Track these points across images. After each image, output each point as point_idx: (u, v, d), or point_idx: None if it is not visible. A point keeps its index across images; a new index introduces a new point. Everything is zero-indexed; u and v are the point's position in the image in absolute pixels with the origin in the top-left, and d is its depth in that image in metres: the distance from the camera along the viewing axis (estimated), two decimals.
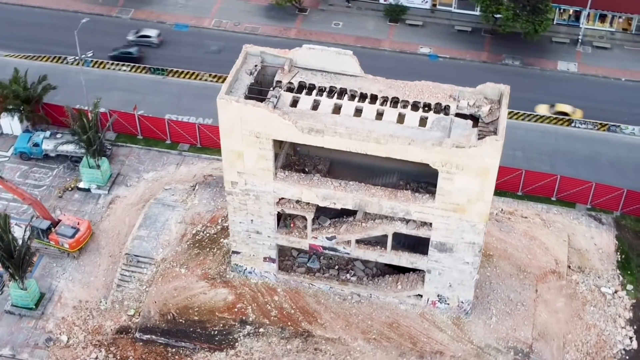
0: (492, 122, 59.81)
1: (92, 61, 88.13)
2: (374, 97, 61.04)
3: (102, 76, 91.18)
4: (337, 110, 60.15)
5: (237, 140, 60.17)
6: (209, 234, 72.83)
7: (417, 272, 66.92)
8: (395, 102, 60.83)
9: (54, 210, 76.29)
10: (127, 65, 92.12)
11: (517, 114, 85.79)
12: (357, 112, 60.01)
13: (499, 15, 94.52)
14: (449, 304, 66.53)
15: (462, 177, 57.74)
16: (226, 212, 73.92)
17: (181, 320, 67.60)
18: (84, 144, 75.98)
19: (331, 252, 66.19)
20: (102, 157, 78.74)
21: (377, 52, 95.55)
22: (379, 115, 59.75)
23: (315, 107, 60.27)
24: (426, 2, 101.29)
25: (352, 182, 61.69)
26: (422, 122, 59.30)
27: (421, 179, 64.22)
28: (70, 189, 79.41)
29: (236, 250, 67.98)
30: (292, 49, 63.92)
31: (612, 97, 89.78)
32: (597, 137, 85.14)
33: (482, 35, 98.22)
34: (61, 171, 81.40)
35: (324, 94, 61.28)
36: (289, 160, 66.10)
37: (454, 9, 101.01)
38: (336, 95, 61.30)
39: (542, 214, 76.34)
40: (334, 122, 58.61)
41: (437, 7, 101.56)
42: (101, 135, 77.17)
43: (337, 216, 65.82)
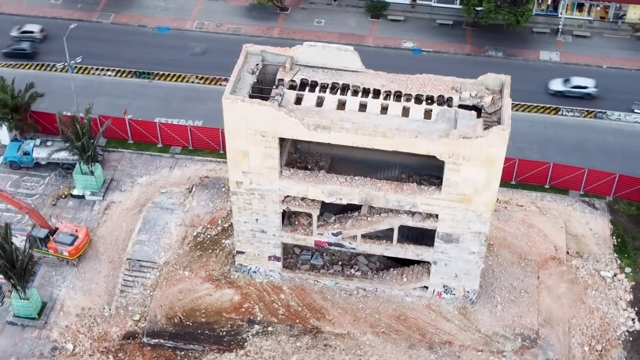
0: (495, 112, 60.49)
1: (75, 67, 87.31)
2: (377, 92, 61.40)
3: (87, 82, 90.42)
4: (341, 106, 60.40)
5: (242, 139, 60.11)
6: (210, 236, 72.67)
7: (422, 264, 67.43)
8: (398, 96, 61.24)
9: (50, 218, 75.54)
10: (112, 70, 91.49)
11: None
12: (362, 107, 60.32)
13: (480, 8, 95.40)
14: (454, 294, 67.14)
15: (469, 167, 58.32)
16: (226, 213, 74.24)
17: (188, 322, 67.41)
18: (77, 150, 75.36)
19: (337, 248, 66.44)
20: (95, 163, 78.13)
21: (361, 49, 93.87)
22: (384, 109, 60.12)
23: (319, 104, 60.47)
24: None
25: (357, 177, 61.99)
26: (427, 114, 59.78)
27: (423, 172, 64.77)
28: (63, 197, 78.75)
29: (241, 250, 67.92)
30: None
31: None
32: (585, 124, 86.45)
33: (464, 28, 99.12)
34: (53, 179, 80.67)
35: (327, 90, 61.51)
36: (290, 158, 66.24)
37: (434, 2, 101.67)
38: (339, 91, 61.54)
39: (537, 201, 77.37)
40: (340, 118, 58.86)
41: (417, 1, 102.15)
42: (95, 141, 76.55)
43: (340, 212, 66.14)
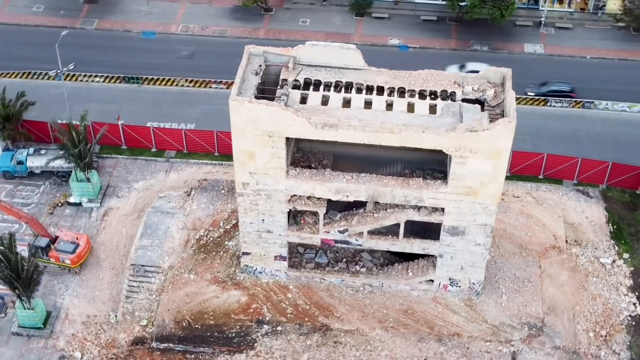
0: (497, 105, 61.31)
1: (63, 74, 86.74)
2: (381, 89, 61.95)
3: (75, 89, 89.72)
4: (346, 104, 60.90)
5: (249, 140, 60.32)
6: (212, 238, 72.73)
7: (426, 257, 68.08)
8: (401, 92, 61.86)
9: (49, 227, 75.04)
10: (100, 76, 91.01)
11: None
12: (367, 104, 60.85)
13: (463, 3, 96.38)
14: (460, 287, 67.91)
15: (475, 160, 59.05)
16: (227, 215, 74.39)
17: (197, 325, 67.43)
18: (74, 157, 74.94)
19: (343, 245, 66.87)
20: (91, 169, 77.74)
21: None
22: (389, 106, 60.71)
23: (324, 103, 60.90)
24: None
25: (363, 174, 62.50)
26: (432, 109, 60.48)
27: (424, 167, 65.42)
28: (60, 205, 78.23)
29: (246, 251, 68.10)
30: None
31: (581, 75, 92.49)
32: (573, 114, 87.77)
33: (448, 23, 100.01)
34: (48, 187, 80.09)
35: (331, 89, 61.92)
36: (293, 157, 66.49)
37: None
38: (343, 89, 61.99)
39: (533, 192, 78.46)
40: (347, 116, 59.32)
41: None
42: (91, 147, 76.20)
43: (344, 209, 66.57)
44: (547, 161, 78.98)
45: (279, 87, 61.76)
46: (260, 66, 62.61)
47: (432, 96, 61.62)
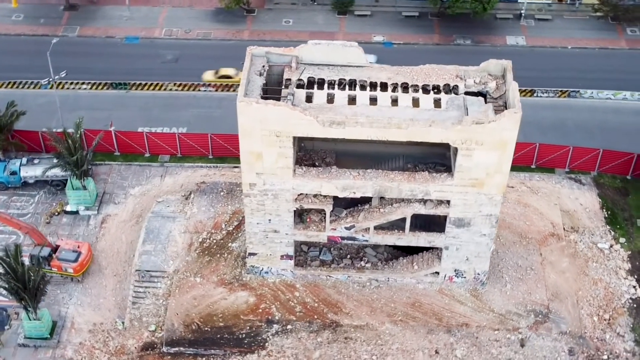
0: (500, 97, 62.26)
1: (50, 83, 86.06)
2: (384, 85, 62.55)
3: (63, 97, 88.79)
4: (352, 101, 61.39)
5: (256, 141, 60.54)
6: (215, 240, 72.81)
7: (431, 250, 68.85)
8: (405, 87, 62.51)
9: (47, 237, 74.47)
10: (88, 83, 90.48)
11: None
12: (372, 100, 61.42)
13: None
14: (465, 277, 68.78)
15: (482, 152, 59.91)
16: (228, 217, 74.56)
17: (206, 328, 67.48)
18: (71, 165, 74.49)
19: (350, 242, 67.40)
20: (87, 177, 77.30)
21: None
22: (394, 101, 61.34)
23: (330, 101, 61.34)
24: None
25: (369, 170, 63.05)
26: (437, 103, 61.23)
27: (426, 160, 66.17)
28: (57, 214, 77.72)
29: (253, 251, 68.31)
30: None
31: (563, 65, 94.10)
32: (560, 104, 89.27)
33: (430, 18, 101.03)
34: (42, 197, 79.47)
35: (335, 87, 62.37)
36: (297, 157, 66.78)
37: None
38: (347, 86, 62.49)
39: (526, 181, 79.67)
40: (353, 113, 59.84)
41: None
42: (88, 155, 75.80)
43: (349, 206, 67.07)
44: (539, 151, 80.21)
45: (283, 87, 62.04)
46: (263, 67, 62.84)
47: (436, 90, 62.33)
